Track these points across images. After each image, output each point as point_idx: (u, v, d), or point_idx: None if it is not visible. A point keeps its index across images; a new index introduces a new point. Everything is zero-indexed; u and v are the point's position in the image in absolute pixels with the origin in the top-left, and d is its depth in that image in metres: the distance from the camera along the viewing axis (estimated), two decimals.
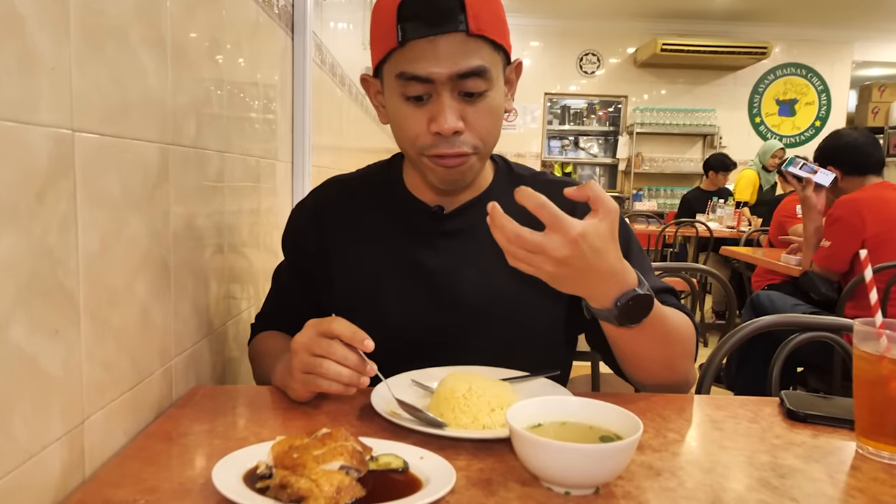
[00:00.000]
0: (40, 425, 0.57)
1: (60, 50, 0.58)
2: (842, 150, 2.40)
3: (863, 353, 0.71)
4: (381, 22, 0.82)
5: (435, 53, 0.78)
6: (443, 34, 0.78)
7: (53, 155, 0.58)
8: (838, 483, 0.65)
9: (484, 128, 0.84)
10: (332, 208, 0.99)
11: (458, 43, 0.79)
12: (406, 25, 0.78)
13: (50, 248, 0.57)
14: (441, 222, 0.94)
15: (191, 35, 0.89)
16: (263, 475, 0.60)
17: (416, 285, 0.93)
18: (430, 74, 0.79)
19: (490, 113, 0.84)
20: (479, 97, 0.82)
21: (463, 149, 0.83)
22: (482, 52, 0.80)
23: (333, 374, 0.74)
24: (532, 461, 0.60)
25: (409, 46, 0.79)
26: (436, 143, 0.83)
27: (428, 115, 0.82)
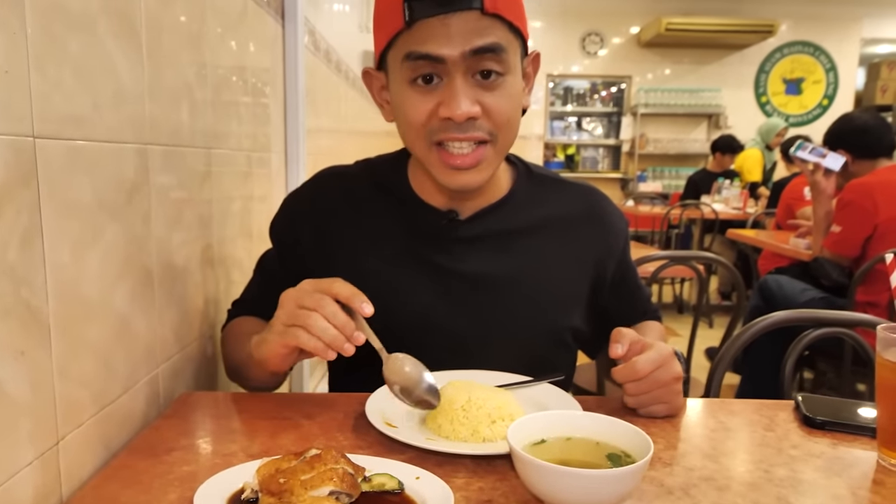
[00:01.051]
0: (7, 452, 0.54)
1: (15, 51, 0.54)
2: (852, 134, 2.36)
3: (887, 362, 0.67)
4: (384, 4, 0.76)
5: (446, 32, 0.73)
6: (455, 12, 0.72)
7: (11, 164, 0.53)
8: (861, 500, 0.61)
9: (503, 114, 0.78)
10: (330, 203, 0.92)
11: (472, 20, 0.73)
12: (414, 4, 0.72)
13: (10, 266, 0.53)
14: (456, 228, 0.88)
15: (168, 25, 0.84)
16: (249, 499, 0.57)
17: (431, 291, 0.88)
18: (441, 54, 0.73)
19: (510, 99, 0.78)
20: (497, 80, 0.76)
21: (478, 133, 0.77)
22: (498, 32, 0.75)
23: (318, 330, 0.69)
24: (534, 484, 0.57)
25: (418, 27, 0.73)
26: (445, 128, 0.77)
27: (437, 100, 0.76)
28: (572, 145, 7.41)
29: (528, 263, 0.89)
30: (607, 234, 0.94)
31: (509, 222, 0.89)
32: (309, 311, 0.70)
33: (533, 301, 0.88)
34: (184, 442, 0.70)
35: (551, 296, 0.90)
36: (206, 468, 0.64)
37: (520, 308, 0.88)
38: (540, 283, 0.89)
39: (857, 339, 1.05)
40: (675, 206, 4.63)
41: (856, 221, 2.19)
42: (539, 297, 0.89)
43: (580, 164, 7.41)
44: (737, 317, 1.77)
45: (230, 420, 0.77)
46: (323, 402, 0.82)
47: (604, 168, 7.47)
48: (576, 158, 7.40)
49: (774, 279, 2.46)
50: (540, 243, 0.90)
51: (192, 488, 0.57)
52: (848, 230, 2.21)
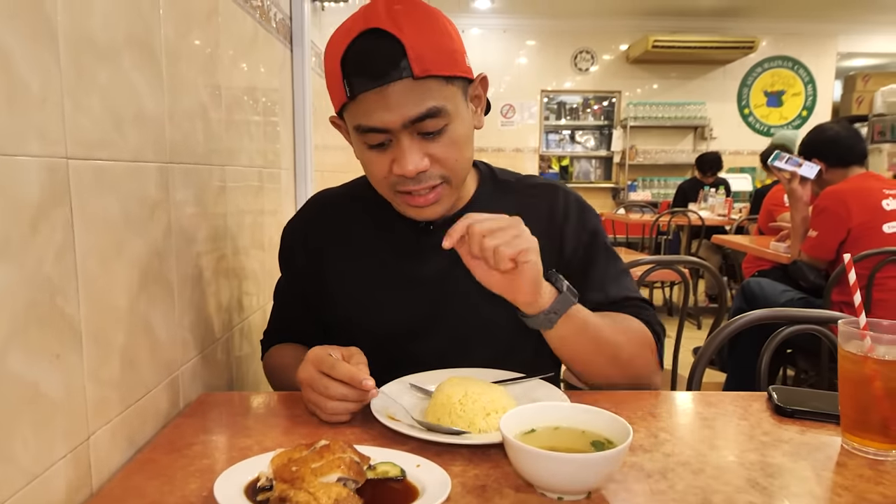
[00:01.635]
0: (43, 447, 0.58)
1: (50, 82, 0.60)
2: (825, 144, 2.45)
3: (847, 354, 0.73)
4: (330, 75, 0.82)
5: (385, 103, 0.78)
6: (388, 83, 0.77)
7: (46, 184, 0.59)
8: (825, 481, 0.66)
9: (450, 160, 0.84)
10: (318, 226, 1.00)
11: (406, 90, 0.78)
12: (352, 80, 0.78)
13: (47, 277, 0.59)
14: (429, 236, 0.94)
15: (186, 53, 0.90)
16: (264, 487, 0.61)
17: (408, 298, 0.94)
18: (385, 124, 0.80)
19: (454, 144, 0.84)
20: (440, 134, 0.82)
21: (431, 182, 0.84)
22: (433, 93, 0.79)
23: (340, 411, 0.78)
24: (525, 469, 0.62)
25: (360, 99, 0.79)
26: (403, 182, 0.84)
27: (391, 157, 0.83)
28: (566, 157, 7.52)
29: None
30: (564, 225, 0.96)
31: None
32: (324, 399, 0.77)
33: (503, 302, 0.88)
34: (203, 438, 0.75)
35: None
36: (224, 461, 0.69)
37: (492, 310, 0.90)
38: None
39: (831, 336, 1.10)
40: (664, 213, 4.72)
41: (830, 226, 2.26)
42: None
43: (574, 174, 7.52)
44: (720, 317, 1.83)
45: (245, 418, 0.82)
46: None
47: (596, 178, 7.57)
48: (570, 170, 7.50)
49: (756, 281, 2.53)
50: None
51: (211, 479, 0.62)
52: (823, 235, 2.28)
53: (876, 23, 6.84)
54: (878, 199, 2.24)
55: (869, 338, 0.71)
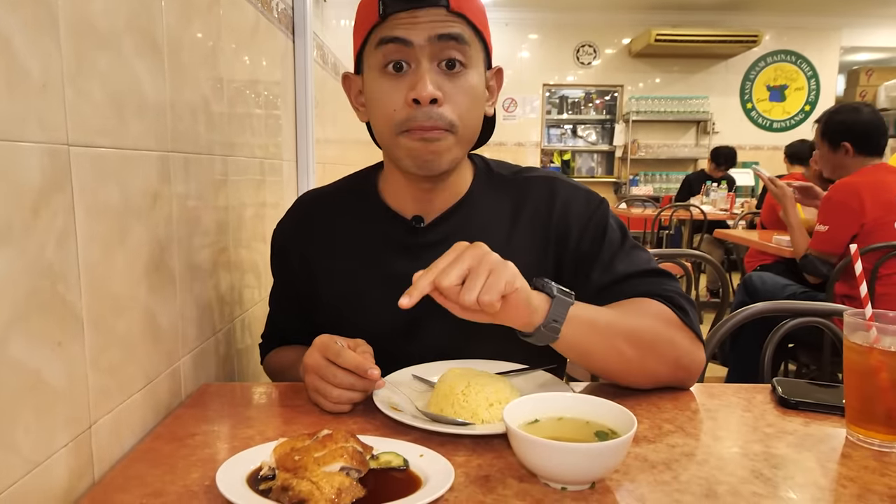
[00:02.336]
0: (45, 435, 0.58)
1: (51, 67, 0.59)
2: (861, 126, 2.30)
3: (853, 345, 0.72)
4: (364, 7, 0.84)
5: (415, 21, 0.80)
6: (423, 8, 0.80)
7: (48, 170, 0.58)
8: (829, 472, 0.66)
9: (462, 105, 0.83)
10: (308, 226, 0.98)
11: (439, 15, 0.80)
12: (387, 1, 0.80)
13: (49, 263, 0.58)
14: (420, 234, 0.92)
15: (187, 41, 0.89)
16: (266, 476, 0.61)
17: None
18: (409, 38, 0.80)
19: (469, 91, 0.83)
20: (459, 72, 0.82)
21: (439, 122, 0.81)
22: (462, 27, 0.82)
23: (345, 399, 0.77)
24: (528, 459, 0.62)
25: (390, 20, 0.81)
26: (413, 116, 0.81)
27: (406, 85, 0.81)
28: (568, 151, 7.51)
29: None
30: (565, 216, 0.92)
31: (466, 223, 0.92)
32: (329, 387, 0.77)
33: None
34: (204, 428, 0.75)
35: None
36: (226, 450, 0.69)
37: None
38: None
39: (835, 329, 1.10)
40: (666, 207, 4.72)
41: (843, 220, 2.19)
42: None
43: (575, 169, 7.51)
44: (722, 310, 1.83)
45: (247, 408, 0.82)
46: None
47: (598, 173, 7.56)
48: (571, 164, 7.49)
49: (758, 275, 2.51)
50: (497, 241, 0.89)
51: (213, 468, 0.61)
52: (835, 229, 2.21)
53: (880, 16, 6.80)
54: (893, 194, 2.16)
55: (875, 329, 0.71)
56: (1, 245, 0.52)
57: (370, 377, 0.75)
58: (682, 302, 0.87)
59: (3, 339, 0.53)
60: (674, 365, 0.85)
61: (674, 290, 0.88)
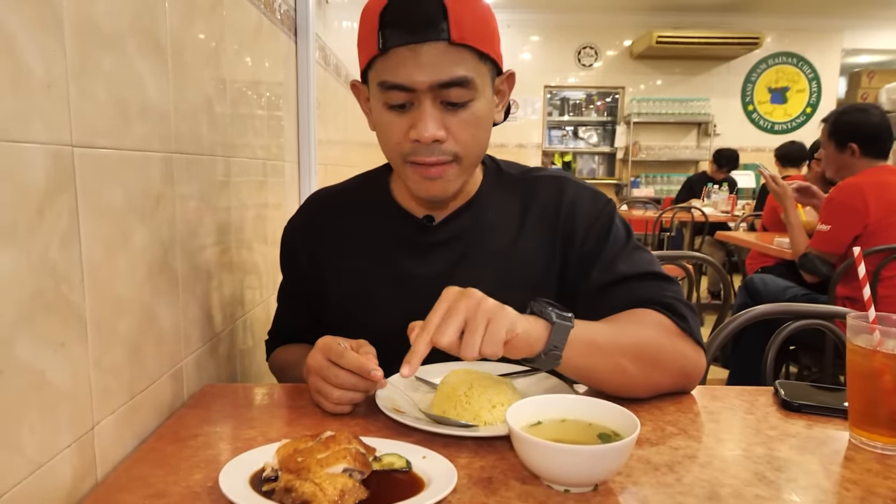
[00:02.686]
0: (49, 435, 0.58)
1: (55, 67, 0.59)
2: (869, 128, 2.29)
3: (856, 348, 0.72)
4: (365, 28, 0.81)
5: (416, 62, 0.77)
6: (423, 42, 0.76)
7: (52, 171, 0.58)
8: (832, 475, 0.66)
9: (466, 137, 0.82)
10: (318, 225, 0.98)
11: (440, 52, 0.77)
12: (387, 32, 0.77)
13: (53, 264, 0.58)
14: (430, 233, 0.93)
15: (191, 42, 0.89)
16: (269, 477, 0.61)
17: (408, 296, 0.91)
18: (412, 83, 0.78)
19: (474, 122, 0.82)
20: (463, 107, 0.81)
21: (442, 157, 0.82)
22: (466, 62, 0.78)
23: (346, 400, 0.77)
24: (531, 461, 0.62)
25: (391, 54, 0.78)
26: (416, 150, 0.82)
27: (409, 122, 0.81)
28: (569, 153, 7.51)
29: (496, 261, 0.91)
30: (572, 214, 0.93)
31: (476, 223, 0.93)
32: (330, 388, 0.77)
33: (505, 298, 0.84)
34: (207, 429, 0.75)
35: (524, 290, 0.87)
36: (228, 451, 0.69)
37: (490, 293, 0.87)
38: (510, 278, 0.90)
39: (837, 331, 1.10)
40: (667, 209, 4.72)
41: (846, 221, 2.19)
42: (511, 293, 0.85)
43: (577, 171, 7.51)
44: (724, 312, 1.82)
45: (249, 409, 0.82)
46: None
47: (599, 175, 7.56)
48: (572, 165, 7.49)
49: (760, 277, 2.51)
50: (505, 240, 0.92)
51: (216, 469, 0.61)
52: (837, 229, 2.20)
53: (882, 18, 6.80)
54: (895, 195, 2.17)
55: (878, 332, 0.71)
56: (6, 245, 0.53)
57: (372, 378, 0.75)
58: (682, 309, 0.86)
59: (9, 340, 0.53)
60: (677, 374, 0.85)
61: (673, 296, 0.87)
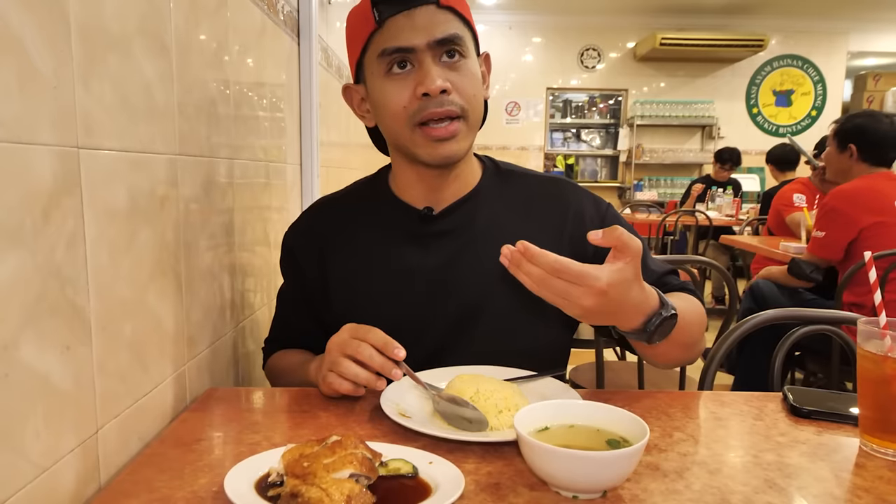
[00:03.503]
0: (53, 439, 0.58)
1: (62, 68, 0.59)
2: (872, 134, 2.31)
3: (867, 353, 0.72)
4: (356, 17, 0.87)
5: (412, 24, 0.84)
6: (416, 7, 0.84)
7: (58, 173, 0.58)
8: (844, 482, 0.65)
9: (468, 90, 0.87)
10: (323, 227, 0.99)
11: (431, 13, 0.85)
12: (381, 7, 0.84)
13: (58, 267, 0.58)
14: (431, 223, 0.95)
15: (195, 44, 0.89)
16: (275, 482, 0.60)
17: (411, 287, 0.94)
18: (411, 44, 0.84)
19: (472, 77, 0.88)
20: (460, 61, 0.87)
21: (451, 108, 0.86)
22: (455, 22, 0.86)
23: (351, 375, 0.78)
24: (540, 467, 0.61)
25: (387, 25, 0.84)
26: (425, 106, 0.85)
27: (414, 82, 0.85)
28: (572, 156, 7.50)
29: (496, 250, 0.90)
30: (574, 211, 0.96)
31: (477, 215, 0.96)
32: (345, 360, 0.79)
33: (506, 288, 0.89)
34: (211, 433, 0.75)
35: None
36: (233, 456, 0.68)
37: (495, 296, 0.91)
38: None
39: (844, 336, 1.09)
40: (671, 213, 4.71)
41: (839, 227, 2.24)
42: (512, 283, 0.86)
43: (579, 173, 7.50)
44: (729, 318, 1.82)
45: (253, 413, 0.81)
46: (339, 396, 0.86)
47: (602, 177, 7.55)
48: (575, 168, 7.48)
49: (765, 282, 2.51)
50: (507, 232, 0.91)
51: (220, 474, 0.61)
52: (831, 235, 2.26)
53: (888, 21, 6.77)
54: (891, 200, 2.20)
55: (889, 337, 0.70)
56: (12, 248, 0.52)
57: (395, 356, 0.76)
58: (698, 296, 0.97)
59: (14, 343, 0.52)
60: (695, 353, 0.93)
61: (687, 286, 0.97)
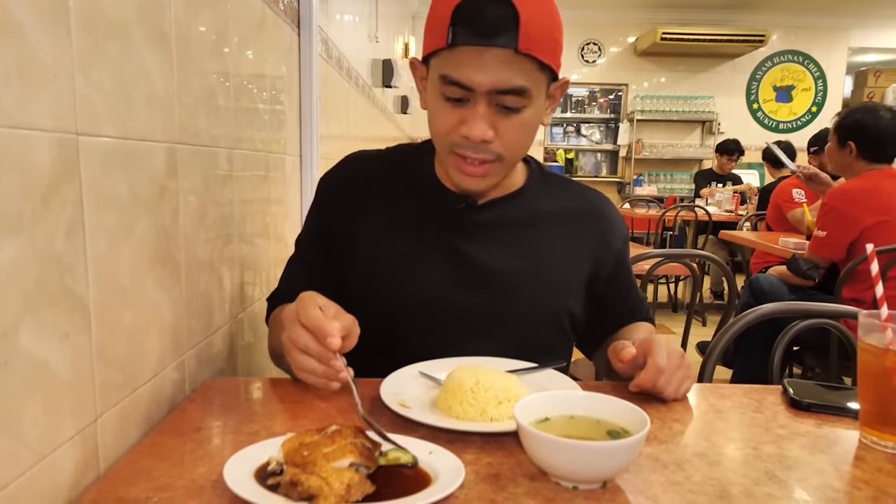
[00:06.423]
0: (52, 427, 0.57)
1: (62, 55, 0.58)
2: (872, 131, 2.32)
3: (868, 346, 0.72)
4: (436, 16, 0.83)
5: (480, 63, 0.80)
6: (490, 46, 0.79)
7: (57, 160, 0.57)
8: (843, 474, 0.65)
9: (513, 140, 0.86)
10: (354, 185, 0.99)
11: (505, 59, 0.79)
12: (457, 29, 0.79)
13: (57, 254, 0.58)
14: (470, 213, 0.96)
15: (195, 33, 0.88)
16: (274, 471, 0.60)
17: (444, 270, 0.94)
18: (472, 83, 0.81)
19: (523, 127, 0.86)
20: (515, 112, 0.84)
21: (487, 156, 0.86)
22: (526, 72, 0.81)
23: (308, 368, 0.76)
24: (540, 457, 0.61)
25: (457, 51, 0.81)
26: (463, 144, 0.85)
27: (461, 116, 0.84)
28: (572, 150, 7.49)
29: (534, 250, 0.96)
30: (607, 232, 1.02)
31: (520, 212, 0.97)
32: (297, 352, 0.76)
33: (536, 285, 0.95)
34: (210, 422, 0.75)
35: (552, 281, 0.96)
36: (232, 445, 0.68)
37: (524, 290, 0.94)
38: (542, 269, 0.96)
39: (844, 330, 1.09)
40: (670, 208, 4.70)
41: (841, 226, 2.24)
42: (541, 281, 0.96)
43: (579, 168, 7.49)
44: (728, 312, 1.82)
45: (252, 403, 0.81)
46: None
47: (602, 172, 7.55)
48: (575, 163, 7.47)
49: (765, 277, 2.52)
50: (545, 233, 0.98)
51: (220, 463, 0.61)
52: (833, 235, 2.27)
53: (889, 17, 6.75)
54: (893, 198, 2.20)
55: (890, 330, 0.70)
56: (12, 234, 0.52)
57: (328, 345, 0.71)
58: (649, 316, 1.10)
59: (13, 330, 0.52)
60: None
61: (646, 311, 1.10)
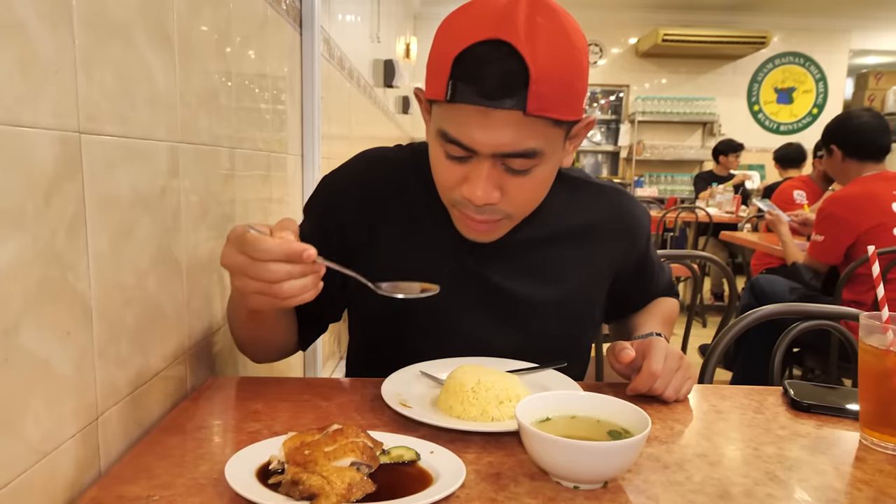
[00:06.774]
0: (53, 425, 0.57)
1: (64, 53, 0.58)
2: (846, 131, 2.39)
3: (868, 347, 0.72)
4: (436, 60, 0.73)
5: (484, 125, 0.70)
6: (495, 108, 0.69)
7: (60, 158, 0.58)
8: (844, 475, 0.65)
9: (522, 199, 0.79)
10: (375, 190, 0.90)
11: (511, 122, 0.69)
12: (458, 85, 0.69)
13: (59, 252, 0.58)
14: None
15: (197, 32, 0.88)
16: (276, 470, 0.60)
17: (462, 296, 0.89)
18: (474, 145, 0.72)
19: (533, 185, 0.78)
20: (524, 173, 0.75)
21: (492, 217, 0.79)
22: (537, 133, 0.72)
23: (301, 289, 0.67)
24: (541, 457, 0.61)
25: (457, 107, 0.71)
26: (465, 203, 0.77)
27: (464, 172, 0.75)
28: None
29: (557, 272, 0.92)
30: (632, 233, 0.99)
31: (540, 231, 0.91)
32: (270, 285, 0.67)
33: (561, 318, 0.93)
34: (211, 421, 0.75)
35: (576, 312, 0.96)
36: (233, 444, 0.68)
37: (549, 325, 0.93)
38: (567, 300, 0.93)
39: (844, 332, 1.09)
40: (671, 209, 4.70)
41: (838, 231, 2.27)
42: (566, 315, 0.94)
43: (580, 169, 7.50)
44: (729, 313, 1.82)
45: (253, 402, 0.81)
46: (339, 386, 0.86)
47: (603, 173, 7.55)
48: (576, 164, 7.47)
49: (765, 278, 2.53)
50: (568, 253, 0.93)
51: (221, 461, 0.61)
52: (830, 239, 2.29)
53: (890, 19, 6.76)
54: (887, 203, 2.22)
55: (891, 331, 0.70)
56: (14, 231, 0.52)
57: (306, 259, 0.64)
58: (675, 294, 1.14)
59: (15, 328, 0.52)
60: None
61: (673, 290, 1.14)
